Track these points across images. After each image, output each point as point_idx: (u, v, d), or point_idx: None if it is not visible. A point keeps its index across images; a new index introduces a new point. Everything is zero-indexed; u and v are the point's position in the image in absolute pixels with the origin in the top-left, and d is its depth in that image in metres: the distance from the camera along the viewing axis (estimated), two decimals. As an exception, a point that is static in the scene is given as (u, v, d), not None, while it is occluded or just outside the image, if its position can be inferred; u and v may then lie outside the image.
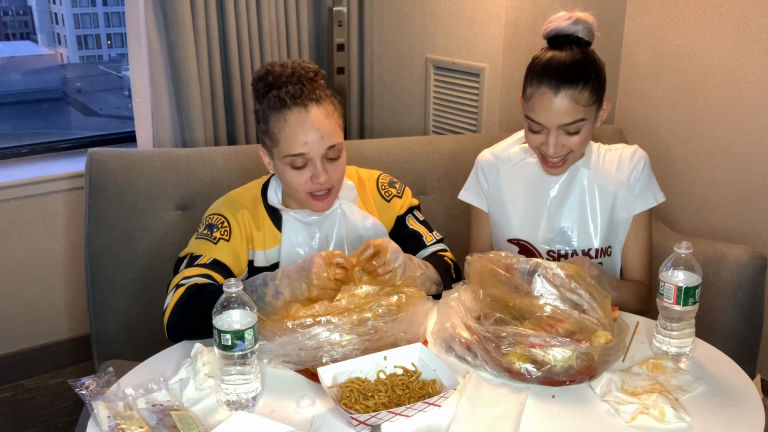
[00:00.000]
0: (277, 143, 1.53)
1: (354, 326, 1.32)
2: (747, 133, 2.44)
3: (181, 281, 1.49)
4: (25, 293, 2.70)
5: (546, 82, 1.55)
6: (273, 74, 1.55)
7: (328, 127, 1.53)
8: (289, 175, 1.54)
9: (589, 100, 1.56)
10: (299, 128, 1.50)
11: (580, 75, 1.55)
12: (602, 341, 1.31)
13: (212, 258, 1.54)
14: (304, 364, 1.34)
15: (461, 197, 1.83)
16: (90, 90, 4.39)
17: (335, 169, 1.56)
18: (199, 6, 2.52)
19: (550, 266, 1.39)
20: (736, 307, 1.98)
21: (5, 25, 4.38)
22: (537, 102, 1.57)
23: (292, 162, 1.52)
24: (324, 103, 1.54)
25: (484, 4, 2.56)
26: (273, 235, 1.62)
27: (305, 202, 1.58)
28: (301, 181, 1.54)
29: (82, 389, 1.24)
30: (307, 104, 1.51)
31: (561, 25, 1.59)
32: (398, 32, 2.97)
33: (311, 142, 1.50)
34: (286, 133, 1.51)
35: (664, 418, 1.19)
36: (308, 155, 1.52)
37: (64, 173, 2.66)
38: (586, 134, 1.60)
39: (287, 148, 1.51)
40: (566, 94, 1.54)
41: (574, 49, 1.58)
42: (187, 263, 1.54)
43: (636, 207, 1.70)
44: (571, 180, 1.70)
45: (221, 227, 1.58)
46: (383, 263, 1.44)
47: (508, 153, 1.77)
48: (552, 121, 1.57)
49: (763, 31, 2.34)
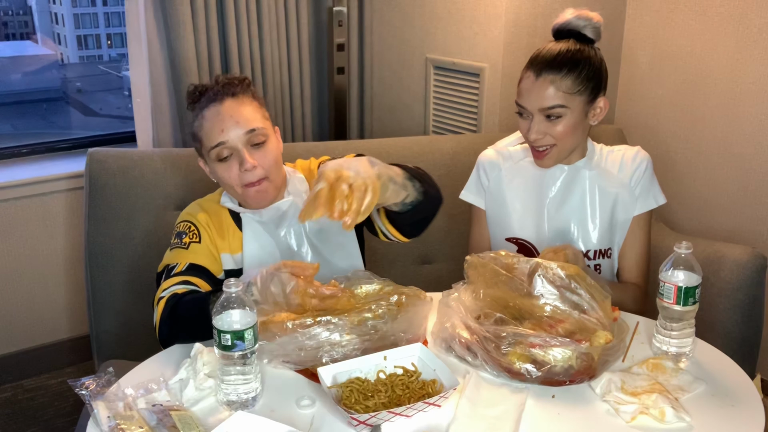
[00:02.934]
0: (200, 141, 1.58)
1: (354, 326, 1.32)
2: (747, 133, 2.44)
3: (161, 294, 1.51)
4: (25, 293, 2.70)
5: (533, 67, 1.61)
6: (199, 88, 1.62)
7: (244, 113, 1.55)
8: (220, 170, 1.56)
9: (572, 89, 1.57)
10: (215, 119, 1.55)
11: (565, 62, 1.58)
12: (602, 341, 1.31)
13: (188, 263, 1.55)
14: (304, 364, 1.34)
15: (462, 197, 1.83)
16: (90, 90, 4.40)
17: (263, 156, 1.56)
18: (199, 6, 2.52)
19: (550, 266, 1.39)
20: (736, 307, 1.98)
21: (5, 25, 4.38)
22: (522, 85, 1.62)
23: (217, 154, 1.55)
24: (240, 95, 1.58)
25: (484, 4, 2.56)
26: (239, 238, 1.63)
27: (244, 199, 1.60)
28: (232, 174, 1.55)
29: (82, 389, 1.24)
30: (222, 99, 1.56)
31: (565, 19, 1.64)
32: (398, 32, 2.97)
33: (227, 128, 1.53)
34: (204, 128, 1.56)
35: (664, 418, 1.18)
36: (229, 143, 1.54)
37: (64, 173, 2.66)
38: (570, 125, 1.60)
39: (208, 141, 1.55)
40: (546, 77, 1.58)
41: (571, 41, 1.61)
42: (165, 275, 1.55)
43: (636, 209, 1.70)
44: (571, 180, 1.70)
45: (189, 232, 1.60)
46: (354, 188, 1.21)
47: (509, 151, 1.77)
48: (532, 103, 1.60)
49: (763, 31, 2.34)
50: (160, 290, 1.52)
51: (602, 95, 1.64)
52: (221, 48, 2.65)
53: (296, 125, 2.88)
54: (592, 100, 1.62)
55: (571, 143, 1.65)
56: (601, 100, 1.63)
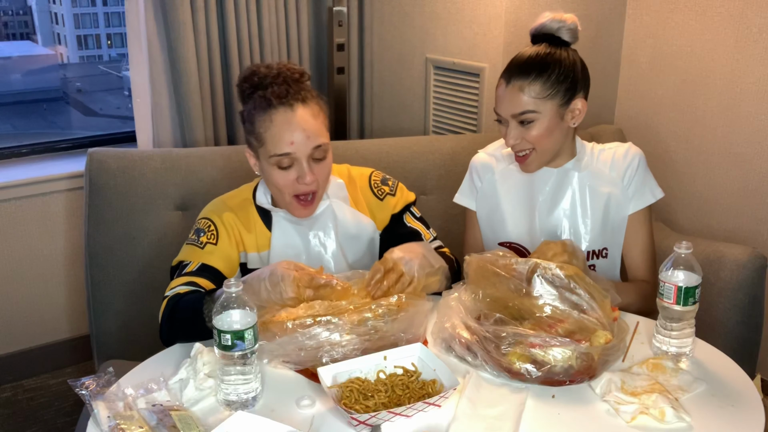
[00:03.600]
0: (263, 143, 1.53)
1: (354, 326, 1.32)
2: (747, 133, 2.44)
3: (166, 293, 1.51)
4: (25, 293, 2.70)
5: (504, 74, 1.62)
6: (258, 75, 1.54)
7: (314, 126, 1.52)
8: (275, 175, 1.54)
9: (541, 93, 1.57)
10: (285, 127, 1.50)
11: (533, 67, 1.58)
12: (602, 341, 1.31)
13: (200, 263, 1.55)
14: (304, 364, 1.34)
15: (456, 200, 1.83)
16: (90, 90, 4.40)
17: (321, 170, 1.55)
18: (199, 6, 2.52)
19: (549, 266, 1.39)
20: (736, 307, 1.98)
21: (5, 25, 4.38)
22: (497, 93, 1.64)
23: (278, 162, 1.52)
24: (310, 103, 1.54)
25: (484, 4, 2.56)
26: (266, 236, 1.62)
27: (289, 206, 1.58)
28: (287, 182, 1.53)
29: (82, 389, 1.24)
30: (293, 104, 1.51)
31: (540, 22, 1.64)
32: (398, 32, 2.97)
33: (297, 141, 1.50)
34: (272, 132, 1.51)
35: (664, 418, 1.19)
36: (294, 155, 1.51)
37: (64, 173, 2.66)
38: (544, 129, 1.60)
39: (273, 148, 1.51)
40: (515, 84, 1.59)
41: (543, 45, 1.61)
42: (178, 272, 1.56)
43: (631, 206, 1.70)
44: (561, 183, 1.70)
45: (207, 231, 1.58)
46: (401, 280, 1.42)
47: (502, 153, 1.77)
48: (505, 110, 1.61)
49: (763, 31, 2.34)
50: (168, 288, 1.53)
51: (580, 96, 1.62)
52: (221, 48, 2.65)
53: (296, 125, 2.88)
54: (566, 103, 1.60)
55: (550, 146, 1.64)
56: (578, 101, 1.62)
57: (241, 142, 2.74)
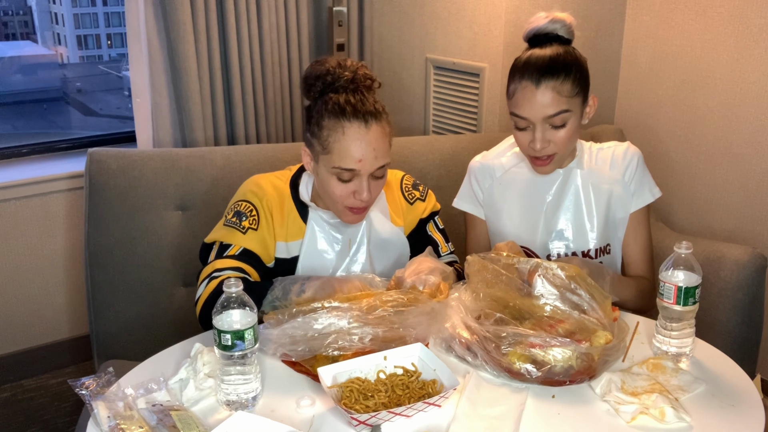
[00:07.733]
0: (328, 152, 1.49)
1: (362, 314, 1.32)
2: (747, 133, 2.44)
3: (214, 273, 1.50)
4: (25, 293, 2.70)
5: (527, 76, 1.57)
6: (332, 74, 1.51)
7: (384, 146, 1.51)
8: (333, 185, 1.51)
9: (572, 92, 1.57)
10: (357, 144, 1.47)
11: (560, 67, 1.56)
12: (602, 341, 1.31)
13: (242, 248, 1.54)
14: (313, 352, 1.33)
15: (456, 205, 1.83)
16: (90, 90, 4.39)
17: (377, 187, 1.54)
18: (199, 6, 2.52)
19: (550, 266, 1.39)
20: (736, 307, 1.98)
21: (5, 25, 4.37)
22: (520, 96, 1.58)
23: (339, 174, 1.49)
24: (382, 120, 1.51)
25: (484, 4, 2.56)
26: (298, 227, 1.61)
27: (338, 212, 1.57)
28: (344, 194, 1.51)
29: (82, 389, 1.24)
30: (368, 120, 1.48)
31: (539, 24, 1.62)
32: (398, 32, 2.98)
33: (365, 160, 1.47)
34: (342, 145, 1.47)
35: (664, 418, 1.19)
36: (358, 172, 1.49)
37: (64, 173, 2.66)
38: (572, 129, 1.60)
39: (339, 161, 1.48)
40: (547, 85, 1.55)
41: (554, 45, 1.60)
42: (217, 253, 1.54)
43: (633, 204, 1.71)
44: (565, 182, 1.70)
45: (249, 215, 1.56)
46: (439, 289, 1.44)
47: (500, 159, 1.77)
48: (536, 113, 1.57)
49: (763, 31, 2.34)
50: (212, 267, 1.51)
51: (591, 92, 1.64)
52: (221, 48, 2.65)
53: (296, 125, 2.88)
54: (586, 100, 1.62)
55: (572, 145, 1.65)
56: (591, 98, 1.64)
57: (240, 142, 2.74)
